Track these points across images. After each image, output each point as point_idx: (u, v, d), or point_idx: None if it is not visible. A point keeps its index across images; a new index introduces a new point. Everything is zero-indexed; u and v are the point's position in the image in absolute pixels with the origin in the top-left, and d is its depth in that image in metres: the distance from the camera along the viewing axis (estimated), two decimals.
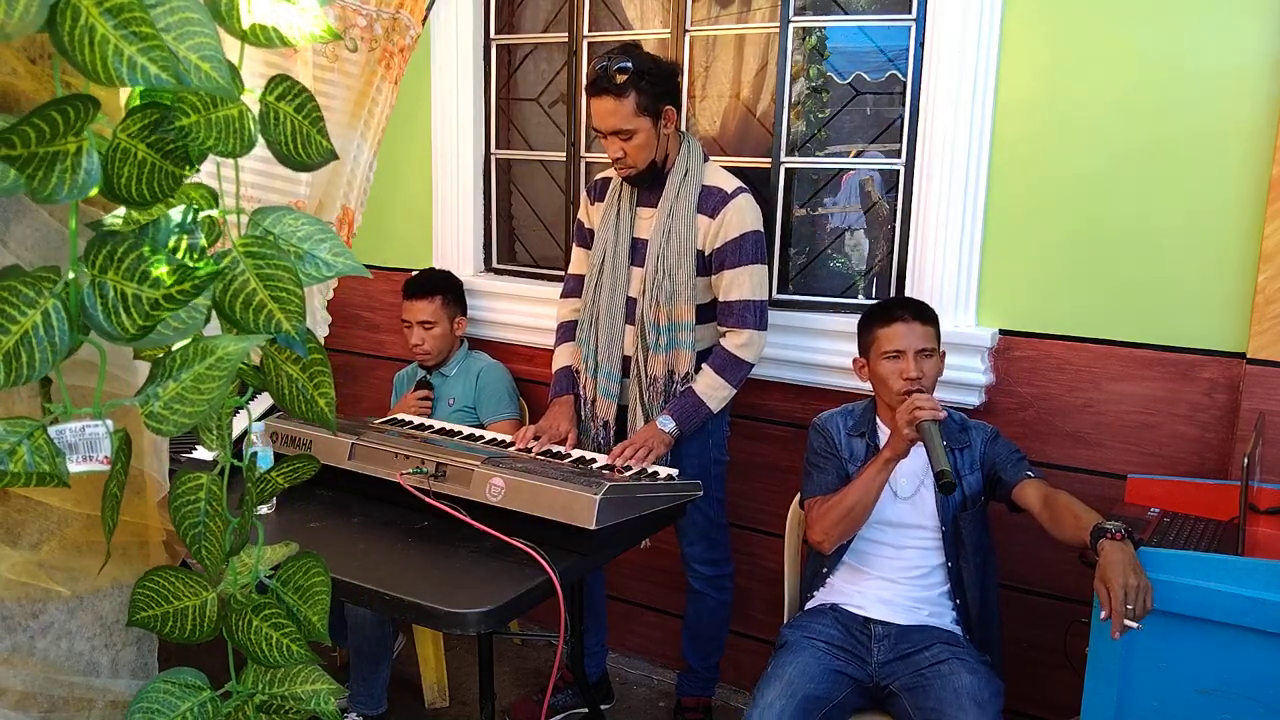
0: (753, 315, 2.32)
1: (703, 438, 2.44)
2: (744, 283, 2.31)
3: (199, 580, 1.11)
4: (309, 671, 1.14)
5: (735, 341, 2.33)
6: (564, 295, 2.61)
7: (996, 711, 1.88)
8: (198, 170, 0.93)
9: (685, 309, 2.33)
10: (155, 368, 0.94)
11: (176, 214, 0.93)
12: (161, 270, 0.85)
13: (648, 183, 2.37)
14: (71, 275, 0.87)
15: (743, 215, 2.30)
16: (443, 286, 2.83)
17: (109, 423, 0.93)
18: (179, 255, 0.91)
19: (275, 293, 0.95)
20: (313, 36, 0.94)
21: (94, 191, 0.85)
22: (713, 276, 2.35)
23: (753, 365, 2.36)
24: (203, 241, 0.94)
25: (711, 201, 2.32)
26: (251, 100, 0.97)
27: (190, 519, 1.05)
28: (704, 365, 2.35)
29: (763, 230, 2.35)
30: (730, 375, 2.33)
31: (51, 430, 0.90)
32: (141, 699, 1.07)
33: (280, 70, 2.07)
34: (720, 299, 2.35)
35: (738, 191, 2.32)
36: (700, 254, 2.33)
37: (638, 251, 2.40)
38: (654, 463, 2.25)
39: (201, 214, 0.96)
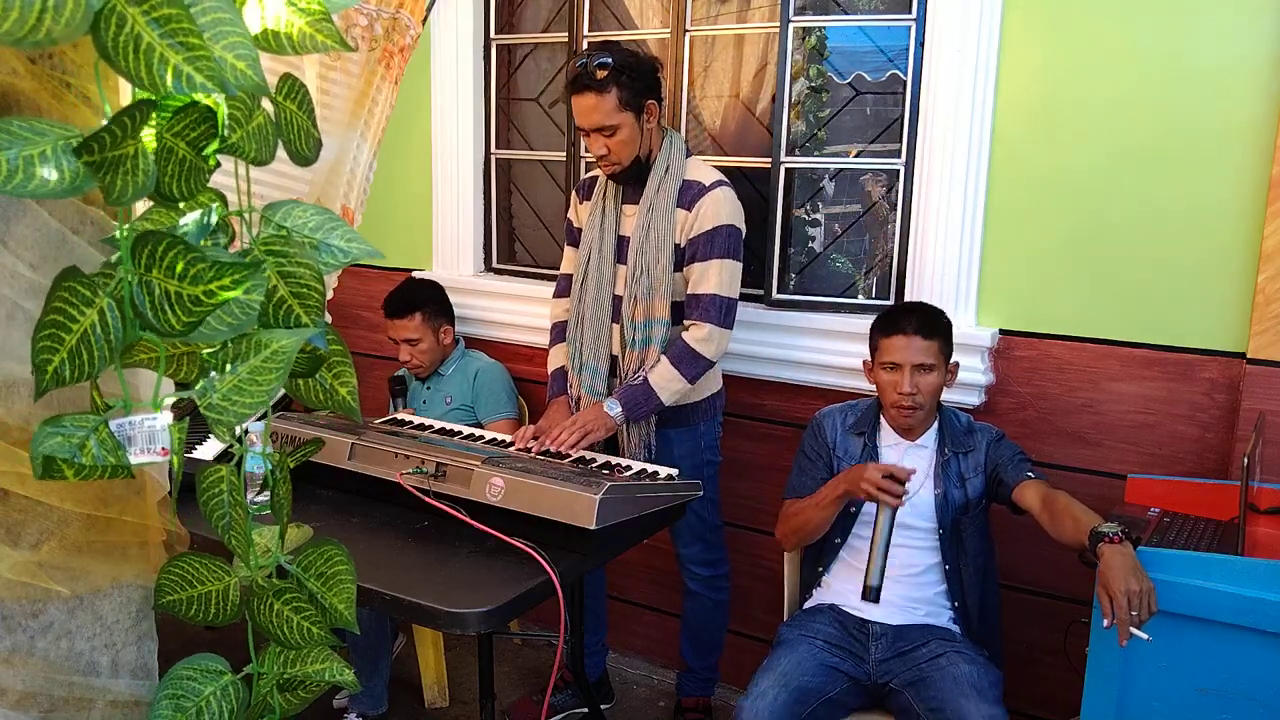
0: (717, 310, 2.28)
1: (695, 439, 2.44)
2: (712, 276, 2.28)
3: (222, 566, 1.14)
4: (318, 652, 1.17)
5: (696, 335, 2.29)
6: (556, 295, 2.61)
7: (997, 698, 1.88)
8: (218, 165, 0.95)
9: (662, 305, 2.32)
10: (205, 362, 0.97)
11: (198, 214, 0.96)
12: (200, 267, 0.88)
13: (632, 180, 2.36)
14: (121, 274, 0.89)
15: (718, 208, 2.28)
16: (420, 301, 2.79)
17: (168, 415, 0.96)
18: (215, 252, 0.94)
19: (295, 289, 0.99)
20: (322, 44, 0.95)
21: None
22: (685, 268, 2.33)
23: (712, 362, 2.32)
24: (225, 241, 0.97)
25: (689, 195, 2.31)
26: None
27: (218, 510, 1.09)
28: (662, 356, 2.32)
29: (740, 227, 2.31)
30: (686, 369, 2.29)
31: (112, 424, 0.93)
32: (167, 686, 1.11)
33: (290, 69, 2.08)
34: (688, 291, 2.33)
35: (716, 184, 2.30)
36: (677, 248, 2.32)
37: (622, 249, 2.40)
38: (588, 447, 2.25)
39: (225, 214, 0.98)
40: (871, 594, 1.86)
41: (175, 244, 0.88)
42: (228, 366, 0.95)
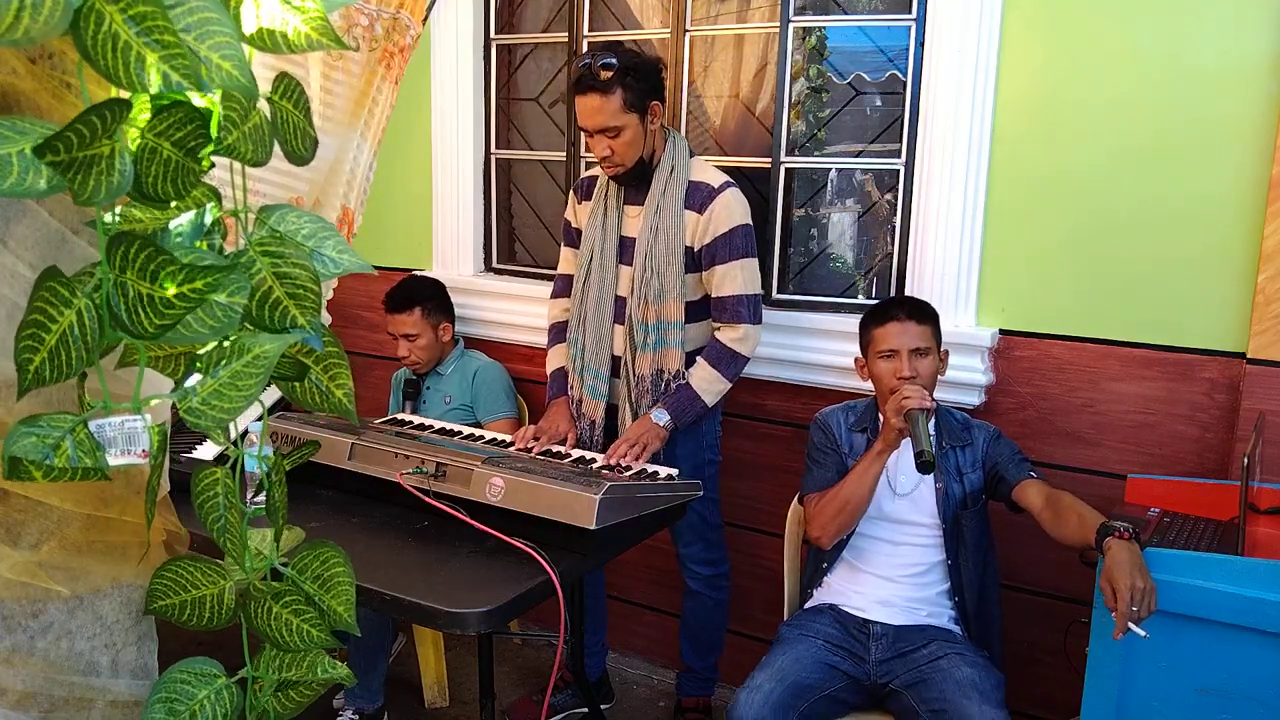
0: (747, 309, 2.32)
1: (696, 438, 2.44)
2: (736, 277, 2.30)
3: (217, 569, 1.14)
4: (315, 656, 1.16)
5: (731, 335, 2.32)
6: (554, 296, 2.60)
7: (1000, 701, 1.88)
8: (213, 165, 0.94)
9: (674, 307, 2.33)
10: (190, 364, 0.97)
11: (193, 215, 0.95)
12: (169, 269, 0.87)
13: (635, 181, 2.36)
14: (99, 276, 0.89)
15: (731, 210, 2.29)
16: (421, 297, 2.81)
17: (147, 417, 0.95)
18: (194, 255, 0.93)
19: (291, 290, 0.98)
20: (319, 43, 0.95)
21: None
22: (703, 273, 2.34)
23: (748, 359, 2.35)
24: (219, 241, 0.96)
25: (699, 197, 2.31)
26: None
27: (213, 513, 1.09)
28: (699, 359, 2.34)
29: (752, 224, 2.33)
30: (726, 369, 2.33)
31: (91, 425, 0.92)
32: (160, 689, 1.10)
33: (295, 68, 2.09)
34: (713, 295, 2.35)
35: (725, 186, 2.31)
36: (689, 250, 2.33)
37: (625, 250, 2.40)
38: (649, 458, 2.25)
39: (219, 214, 0.98)
40: (929, 455, 1.84)
41: (146, 245, 0.87)
42: (210, 370, 0.95)
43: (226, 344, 0.96)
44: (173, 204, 0.94)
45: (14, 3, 0.74)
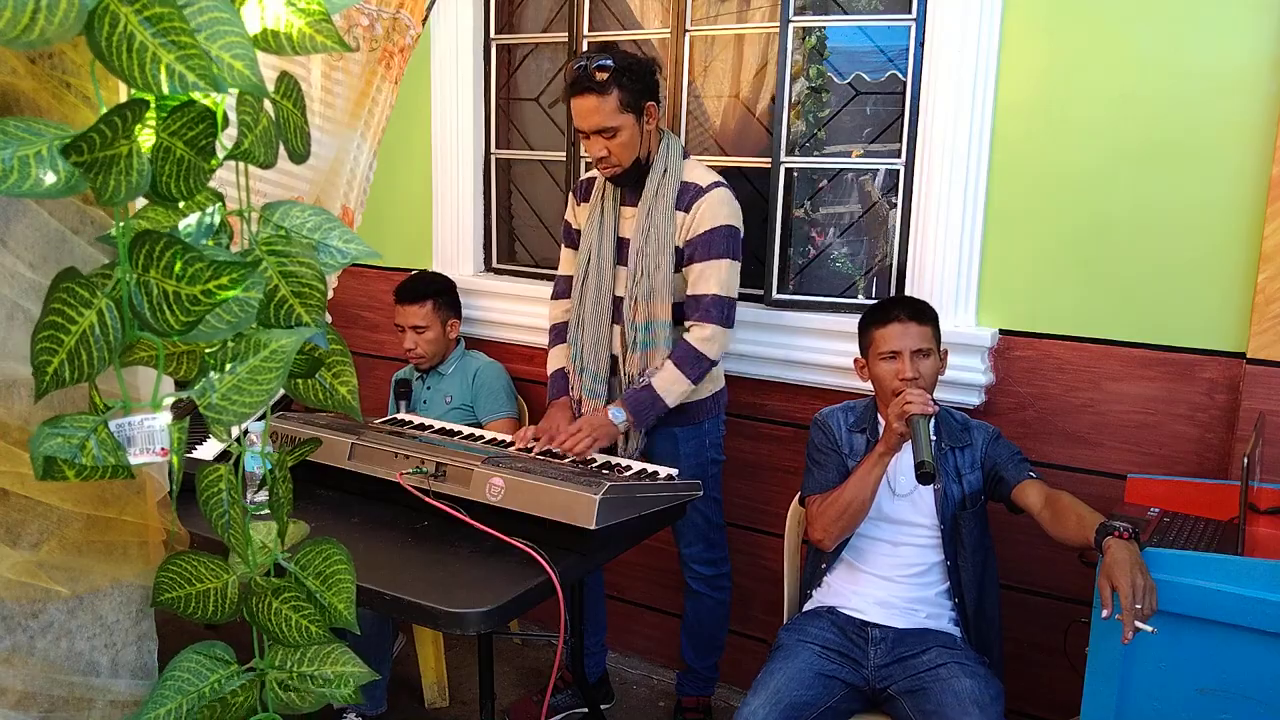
0: (719, 311, 2.29)
1: (700, 436, 2.44)
2: (712, 277, 2.29)
3: (220, 563, 1.15)
4: (339, 654, 1.16)
5: (699, 335, 2.30)
6: (554, 296, 2.61)
7: (998, 714, 1.88)
8: (220, 163, 0.94)
9: (663, 308, 2.32)
10: (205, 361, 0.97)
11: (200, 214, 0.96)
12: (198, 266, 0.87)
13: (631, 182, 2.37)
14: (118, 275, 0.89)
15: (716, 209, 2.29)
16: (434, 290, 2.82)
17: (167, 415, 0.96)
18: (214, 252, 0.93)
19: (297, 288, 0.99)
20: (322, 44, 0.95)
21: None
22: (684, 269, 2.34)
23: (714, 362, 2.33)
24: (226, 241, 0.97)
25: (687, 197, 2.31)
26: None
27: (217, 509, 1.10)
28: (666, 359, 2.32)
29: (738, 227, 2.32)
30: (690, 370, 2.30)
31: (111, 424, 0.93)
32: (174, 668, 1.12)
33: (298, 68, 2.09)
34: (689, 292, 2.33)
35: (713, 186, 2.31)
36: (678, 250, 2.33)
37: (622, 251, 2.40)
38: (596, 452, 2.25)
39: (226, 213, 0.98)
40: (930, 467, 1.85)
41: (173, 243, 0.87)
42: (227, 366, 0.95)
43: (232, 342, 0.96)
44: (180, 205, 0.94)
45: (29, 4, 0.74)
